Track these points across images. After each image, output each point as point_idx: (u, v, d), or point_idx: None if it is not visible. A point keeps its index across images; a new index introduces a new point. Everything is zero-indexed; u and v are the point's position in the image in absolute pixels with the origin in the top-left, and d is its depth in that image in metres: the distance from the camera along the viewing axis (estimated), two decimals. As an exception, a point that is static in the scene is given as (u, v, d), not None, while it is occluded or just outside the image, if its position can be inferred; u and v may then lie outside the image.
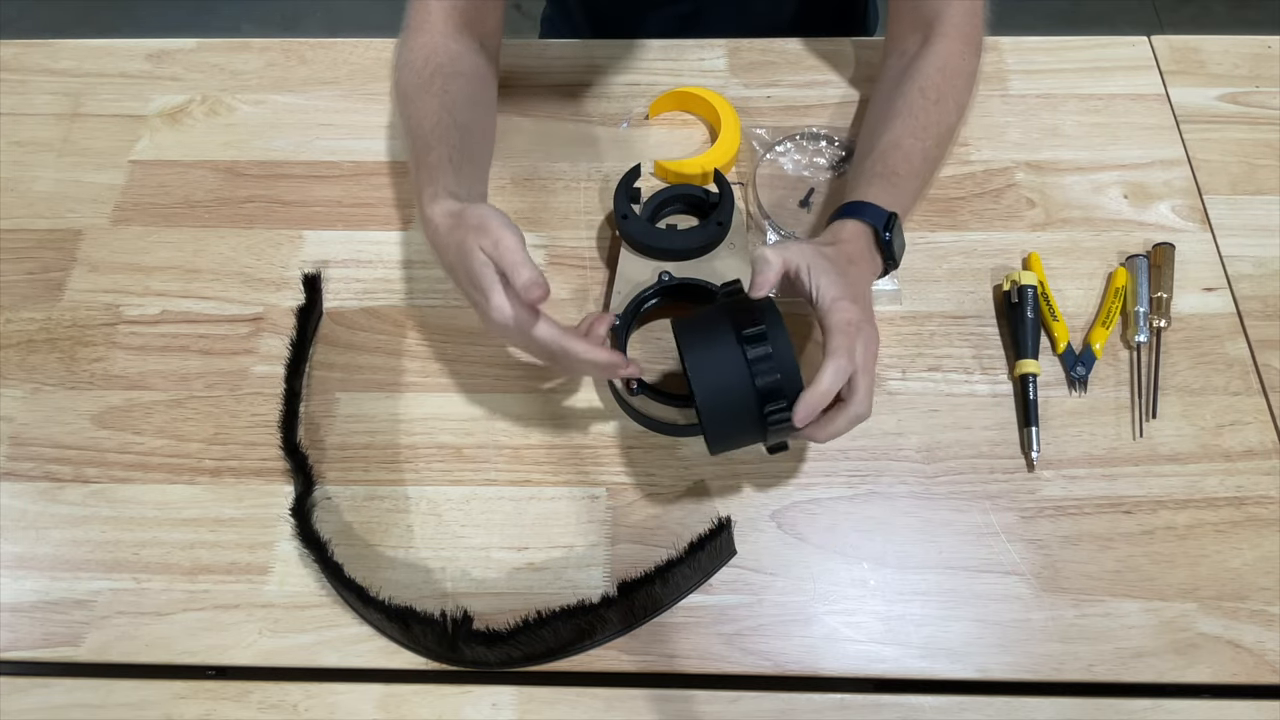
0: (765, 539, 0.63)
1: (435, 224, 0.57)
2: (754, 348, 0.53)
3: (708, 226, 0.70)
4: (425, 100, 0.64)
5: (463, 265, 0.55)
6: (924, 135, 0.66)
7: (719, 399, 0.54)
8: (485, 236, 0.53)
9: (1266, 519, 0.63)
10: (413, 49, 0.67)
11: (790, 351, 0.54)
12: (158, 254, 0.75)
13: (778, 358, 0.53)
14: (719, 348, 0.54)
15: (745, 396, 0.54)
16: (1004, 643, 0.59)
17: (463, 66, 0.67)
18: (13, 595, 0.61)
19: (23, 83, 0.86)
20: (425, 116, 0.63)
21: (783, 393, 0.53)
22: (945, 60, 0.68)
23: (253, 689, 0.58)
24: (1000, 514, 0.63)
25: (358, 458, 0.66)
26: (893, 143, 0.65)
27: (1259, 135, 0.80)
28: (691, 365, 0.54)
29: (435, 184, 0.59)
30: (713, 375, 0.54)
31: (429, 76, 0.65)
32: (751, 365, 0.53)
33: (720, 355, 0.54)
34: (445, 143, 0.61)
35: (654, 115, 0.82)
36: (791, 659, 0.59)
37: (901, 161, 0.65)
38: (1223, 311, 0.71)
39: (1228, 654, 0.59)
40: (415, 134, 0.63)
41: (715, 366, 0.54)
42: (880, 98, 0.71)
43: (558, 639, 0.58)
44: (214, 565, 0.62)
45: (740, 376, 0.53)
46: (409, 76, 0.66)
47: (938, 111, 0.67)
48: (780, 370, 0.53)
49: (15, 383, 0.69)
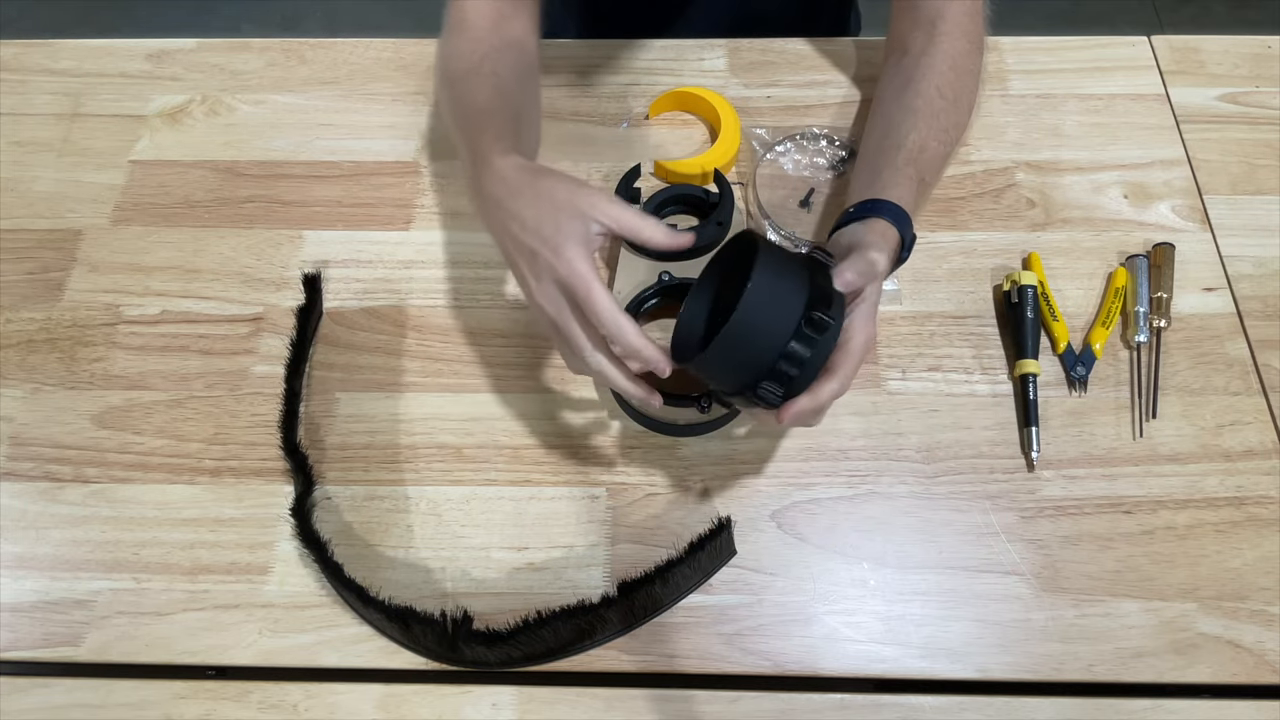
0: (765, 539, 0.63)
1: (504, 175, 0.54)
2: (810, 329, 0.50)
3: (708, 226, 0.70)
4: (476, 82, 0.62)
5: (549, 215, 0.51)
6: (945, 139, 0.66)
7: (747, 331, 0.49)
8: (602, 201, 0.51)
9: (1266, 519, 0.63)
10: (455, 41, 0.66)
11: (827, 357, 0.52)
12: (158, 254, 0.75)
13: (817, 353, 0.50)
14: (785, 296, 0.50)
15: (764, 352, 0.50)
16: (1004, 643, 0.59)
17: (507, 56, 0.65)
18: (13, 595, 0.61)
19: (23, 83, 0.86)
20: (478, 96, 0.61)
21: (791, 378, 0.51)
22: (954, 59, 0.68)
23: (253, 689, 0.58)
24: (1000, 514, 0.63)
25: (358, 458, 0.66)
26: (920, 145, 0.65)
27: (1259, 135, 0.80)
28: (755, 286, 0.49)
29: (502, 141, 0.56)
30: (762, 311, 0.49)
31: (478, 61, 0.63)
32: (797, 336, 0.49)
33: (781, 303, 0.50)
34: (501, 119, 0.59)
35: (654, 115, 0.82)
36: (791, 659, 0.59)
37: (928, 166, 0.65)
38: (1223, 311, 0.71)
39: (1228, 654, 0.59)
40: (467, 113, 0.61)
41: (770, 306, 0.49)
42: (891, 94, 0.71)
43: (558, 639, 0.58)
44: (214, 565, 0.62)
45: (779, 334, 0.50)
46: (455, 64, 0.65)
47: (955, 113, 0.67)
48: (807, 365, 0.50)
49: (15, 383, 0.69)
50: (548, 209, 0.51)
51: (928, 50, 0.69)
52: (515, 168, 0.54)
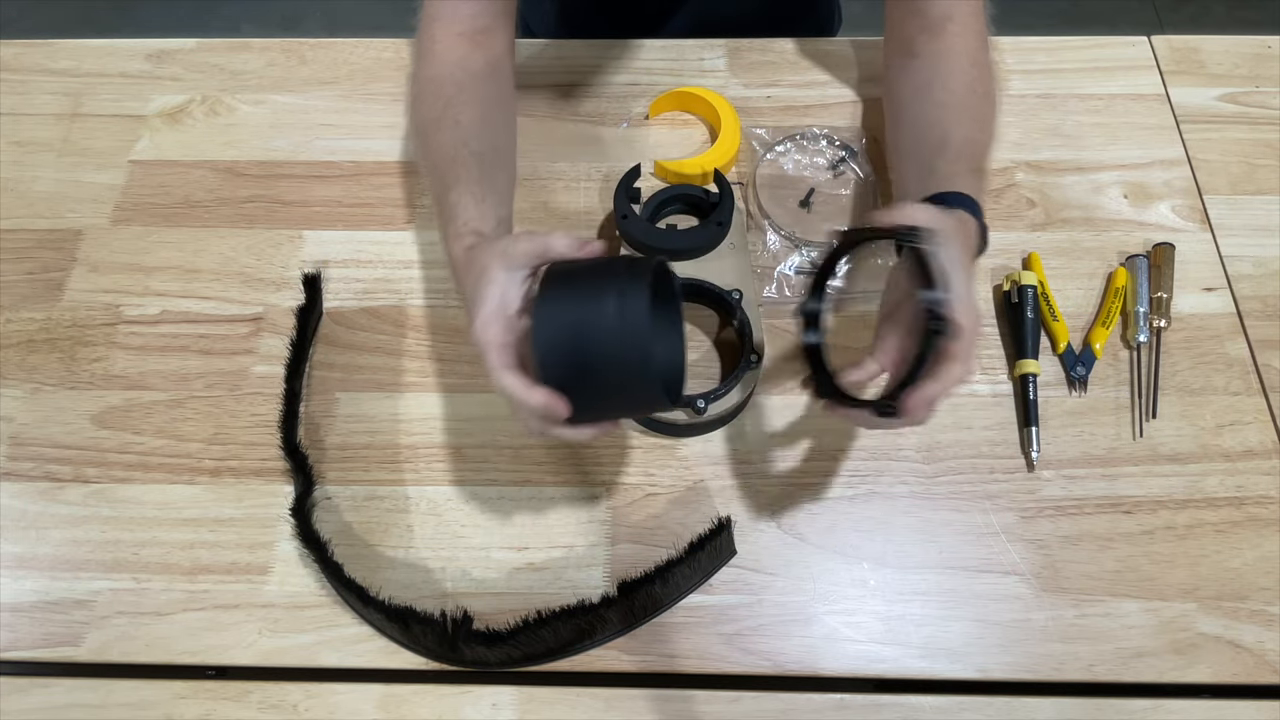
0: (765, 539, 0.63)
1: (455, 261, 0.58)
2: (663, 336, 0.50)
3: (708, 226, 0.70)
4: (439, 136, 0.64)
5: (473, 287, 0.54)
6: (987, 131, 0.66)
7: (587, 372, 0.49)
8: (512, 249, 0.53)
9: (1266, 519, 0.63)
10: (421, 82, 0.67)
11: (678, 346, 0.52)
12: (158, 254, 0.75)
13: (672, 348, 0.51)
14: (603, 324, 0.48)
15: (626, 380, 0.49)
16: (1004, 643, 0.59)
17: (471, 95, 0.66)
18: (13, 595, 0.61)
19: (23, 83, 0.86)
20: (441, 152, 0.63)
21: (675, 386, 0.51)
22: (973, 55, 0.68)
23: (253, 689, 0.58)
24: (1000, 514, 0.63)
25: (358, 458, 0.66)
26: (966, 139, 0.65)
27: (1259, 135, 0.80)
28: (546, 341, 0.48)
29: (455, 221, 0.59)
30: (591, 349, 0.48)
31: (440, 110, 0.65)
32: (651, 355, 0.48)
33: (608, 329, 0.48)
34: (463, 177, 0.61)
35: (654, 115, 0.82)
36: (791, 659, 0.59)
37: (979, 158, 0.64)
38: (1223, 311, 0.71)
39: (1228, 654, 0.59)
40: (433, 173, 0.64)
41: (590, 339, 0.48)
42: (912, 94, 0.70)
43: (558, 639, 0.58)
44: (214, 565, 0.62)
45: (626, 360, 0.48)
46: (421, 113, 0.66)
47: (989, 106, 0.67)
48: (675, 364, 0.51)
49: (15, 383, 0.69)
50: (474, 280, 0.54)
51: (943, 51, 0.68)
52: (462, 250, 0.57)
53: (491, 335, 0.51)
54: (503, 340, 0.51)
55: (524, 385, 0.50)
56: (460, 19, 0.67)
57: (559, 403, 0.49)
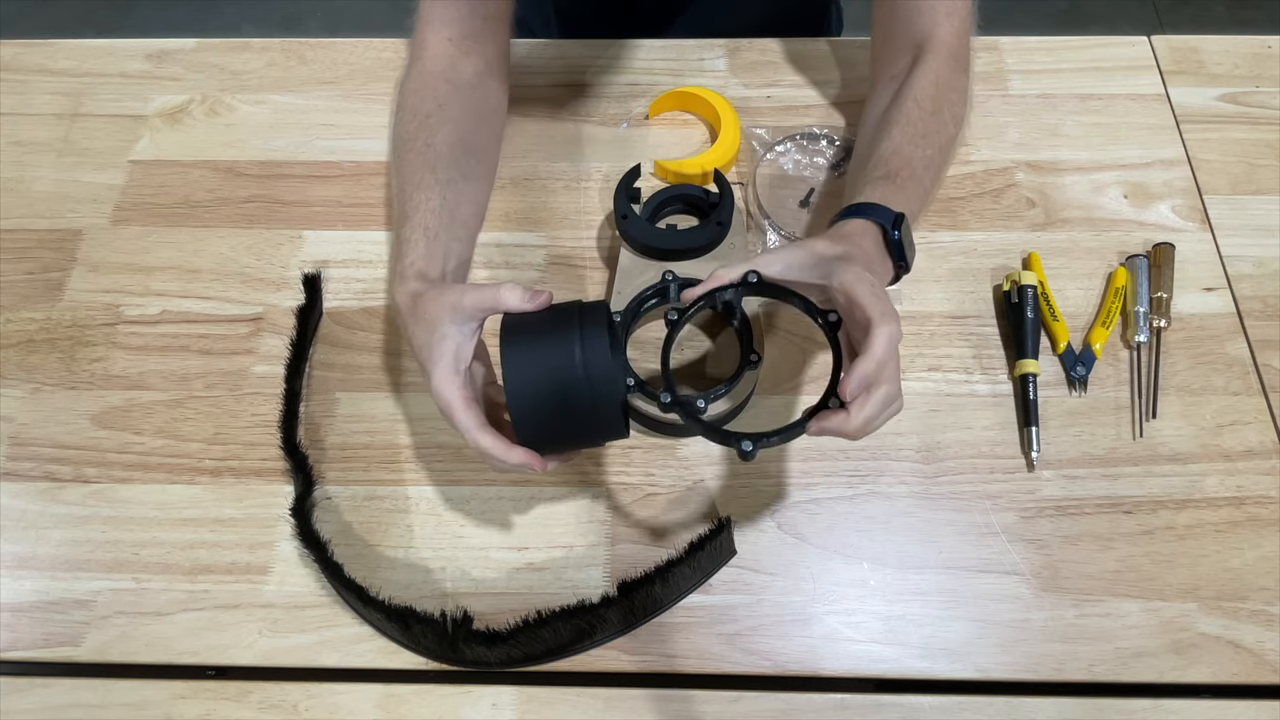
0: (765, 539, 0.63)
1: (399, 306, 0.58)
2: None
3: (708, 226, 0.70)
4: (408, 157, 0.63)
5: (425, 338, 0.54)
6: (923, 143, 0.65)
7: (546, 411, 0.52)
8: (463, 301, 0.53)
9: (1266, 519, 0.63)
10: (405, 93, 0.66)
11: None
12: (158, 254, 0.75)
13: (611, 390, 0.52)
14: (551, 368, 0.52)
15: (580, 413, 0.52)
16: (1004, 643, 0.59)
17: (449, 113, 0.65)
18: (13, 595, 0.61)
19: (23, 83, 0.86)
20: (408, 176, 0.63)
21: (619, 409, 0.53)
22: (936, 75, 0.67)
23: (253, 689, 0.58)
24: (1000, 514, 0.63)
25: (358, 458, 0.66)
26: (892, 149, 0.64)
27: (1259, 135, 0.80)
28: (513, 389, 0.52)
29: (403, 260, 0.59)
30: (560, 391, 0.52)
31: (415, 129, 0.64)
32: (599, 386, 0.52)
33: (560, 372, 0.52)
34: (422, 208, 0.61)
35: (654, 115, 0.82)
36: (791, 659, 0.59)
37: (902, 166, 0.63)
38: (1223, 311, 0.71)
39: (1228, 654, 0.59)
40: (398, 197, 0.63)
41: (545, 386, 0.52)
42: (873, 116, 0.70)
43: (558, 639, 0.58)
44: (214, 565, 0.62)
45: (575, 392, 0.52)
46: (397, 129, 0.66)
47: (935, 121, 0.66)
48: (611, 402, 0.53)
49: (15, 383, 0.69)
50: (424, 332, 0.55)
51: (913, 71, 0.68)
52: (407, 296, 0.57)
53: (454, 393, 0.53)
54: (465, 395, 0.53)
55: (503, 446, 0.53)
56: (450, 22, 0.67)
57: (536, 459, 0.53)
